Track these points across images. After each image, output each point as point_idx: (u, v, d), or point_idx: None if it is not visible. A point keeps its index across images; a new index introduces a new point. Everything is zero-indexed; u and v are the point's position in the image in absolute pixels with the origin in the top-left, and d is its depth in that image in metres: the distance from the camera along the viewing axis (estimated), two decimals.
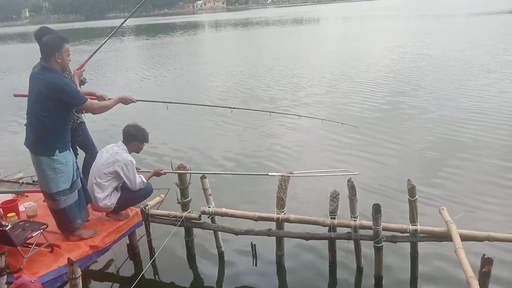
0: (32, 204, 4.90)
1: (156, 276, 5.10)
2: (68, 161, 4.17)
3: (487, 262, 3.44)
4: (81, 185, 4.40)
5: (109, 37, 6.17)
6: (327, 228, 4.58)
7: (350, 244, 4.73)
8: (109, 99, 4.87)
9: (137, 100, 4.78)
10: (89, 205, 4.79)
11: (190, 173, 4.97)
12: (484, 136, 8.65)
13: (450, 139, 8.62)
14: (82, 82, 5.34)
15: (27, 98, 4.16)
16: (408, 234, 4.39)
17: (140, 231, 5.25)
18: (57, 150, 4.06)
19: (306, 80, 15.75)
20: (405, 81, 14.28)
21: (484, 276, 3.47)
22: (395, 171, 7.36)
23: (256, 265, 5.12)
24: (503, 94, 11.83)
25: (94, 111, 4.31)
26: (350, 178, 4.41)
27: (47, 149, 4.04)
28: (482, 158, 7.62)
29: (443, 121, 9.79)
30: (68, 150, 4.21)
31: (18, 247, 3.88)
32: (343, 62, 18.95)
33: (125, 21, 6.33)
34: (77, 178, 4.31)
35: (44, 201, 4.85)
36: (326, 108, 11.78)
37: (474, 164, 7.44)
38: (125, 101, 4.61)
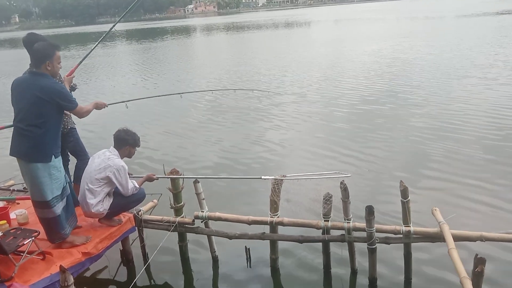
0: (23, 212, 4.85)
1: (150, 282, 5.06)
2: (61, 166, 4.21)
3: (479, 262, 3.45)
4: (69, 191, 4.40)
5: (98, 44, 6.14)
6: (320, 230, 4.59)
7: (344, 246, 4.74)
8: None
9: (108, 104, 4.88)
10: (79, 211, 4.77)
11: (183, 177, 4.95)
12: (472, 137, 8.73)
13: (440, 141, 8.67)
14: (73, 88, 5.32)
15: (14, 104, 4.13)
16: (401, 235, 4.40)
17: (133, 236, 5.22)
18: (53, 156, 4.08)
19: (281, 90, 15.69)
20: (382, 86, 14.11)
21: (477, 276, 3.49)
22: (387, 172, 7.39)
23: (250, 268, 5.10)
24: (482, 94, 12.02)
25: (82, 115, 4.36)
26: (343, 180, 4.42)
27: (44, 155, 4.03)
28: (473, 159, 7.68)
29: (429, 122, 9.87)
30: (60, 156, 4.24)
31: (9, 255, 3.84)
32: (318, 68, 18.73)
33: (113, 26, 6.34)
34: (66, 184, 4.33)
35: None
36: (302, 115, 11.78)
37: (465, 165, 7.49)
38: (99, 106, 4.70)
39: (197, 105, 13.38)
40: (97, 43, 6.12)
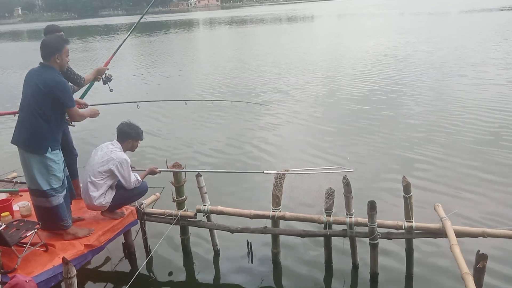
0: (26, 204, 4.87)
1: (152, 275, 5.09)
2: (59, 159, 4.22)
3: (481, 258, 3.46)
4: (66, 184, 4.43)
5: (130, 32, 6.44)
6: (322, 225, 4.59)
7: (346, 241, 4.74)
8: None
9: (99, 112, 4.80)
10: (82, 204, 4.79)
11: (185, 171, 4.96)
12: (476, 134, 8.72)
13: (443, 137, 8.66)
14: (108, 79, 5.34)
15: (22, 94, 4.19)
16: (403, 231, 4.41)
17: (136, 229, 5.24)
18: (49, 148, 4.10)
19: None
20: (382, 83, 13.96)
21: (478, 272, 3.49)
22: (389, 168, 7.38)
23: (252, 262, 5.12)
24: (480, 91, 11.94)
25: (76, 117, 4.33)
26: (345, 175, 4.42)
27: (40, 147, 4.06)
28: (476, 156, 7.66)
29: (432, 119, 9.85)
30: (59, 150, 4.25)
31: (12, 247, 3.86)
32: (318, 65, 18.45)
33: (142, 16, 6.68)
34: (65, 177, 4.35)
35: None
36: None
37: (468, 161, 7.47)
38: (93, 114, 4.62)
39: (198, 101, 13.36)
40: (129, 32, 6.58)
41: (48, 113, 4.05)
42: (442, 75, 14.51)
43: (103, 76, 5.32)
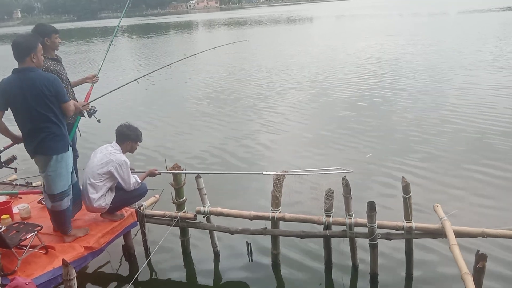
0: (26, 206, 4.88)
1: (152, 276, 5.08)
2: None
3: (481, 258, 3.46)
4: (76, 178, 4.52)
5: (106, 55, 5.93)
6: (322, 226, 4.60)
7: (345, 242, 4.75)
8: None
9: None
10: (83, 206, 4.80)
11: (185, 173, 4.96)
12: (476, 134, 8.73)
13: (442, 138, 8.67)
14: (93, 111, 5.01)
15: (10, 106, 4.05)
16: (403, 231, 4.41)
17: (135, 231, 5.24)
18: (69, 145, 4.18)
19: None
20: (380, 83, 13.96)
21: (478, 272, 3.50)
22: (389, 169, 7.38)
23: (251, 263, 5.12)
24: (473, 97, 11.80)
25: (69, 112, 4.24)
26: (345, 176, 4.42)
27: (63, 145, 4.11)
28: (475, 156, 7.67)
29: (430, 120, 9.86)
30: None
31: (12, 249, 3.86)
32: (314, 66, 18.31)
33: (116, 31, 6.38)
34: (74, 173, 4.43)
35: (38, 201, 4.89)
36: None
37: (468, 162, 7.48)
38: (77, 108, 4.52)
39: (198, 103, 13.38)
40: (104, 57, 5.87)
41: (58, 111, 4.06)
42: (433, 77, 14.45)
43: (88, 110, 5.00)
